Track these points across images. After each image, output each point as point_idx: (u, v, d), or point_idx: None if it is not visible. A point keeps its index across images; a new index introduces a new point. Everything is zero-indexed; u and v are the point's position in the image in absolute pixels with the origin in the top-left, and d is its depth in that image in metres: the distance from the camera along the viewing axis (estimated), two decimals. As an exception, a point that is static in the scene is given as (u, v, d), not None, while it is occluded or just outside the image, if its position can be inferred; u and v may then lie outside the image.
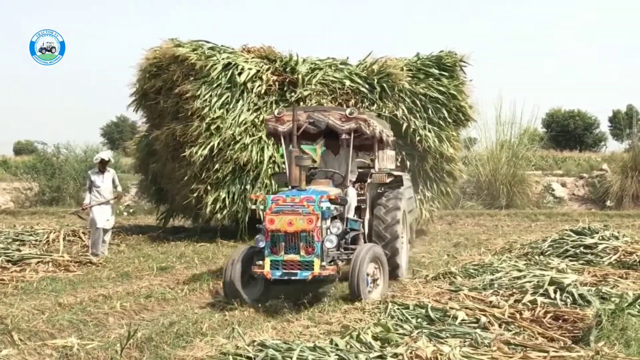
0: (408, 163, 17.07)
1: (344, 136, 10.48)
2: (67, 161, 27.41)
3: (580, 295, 8.21)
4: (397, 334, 6.71)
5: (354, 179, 10.95)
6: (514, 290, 8.62)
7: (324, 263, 8.98)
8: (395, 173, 11.84)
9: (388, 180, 11.21)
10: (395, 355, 5.94)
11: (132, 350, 6.88)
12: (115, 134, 71.83)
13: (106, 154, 14.47)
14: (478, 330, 6.95)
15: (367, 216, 10.98)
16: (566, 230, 12.82)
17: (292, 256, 9.01)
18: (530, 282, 8.91)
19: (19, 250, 12.83)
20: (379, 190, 11.63)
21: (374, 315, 7.74)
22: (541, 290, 8.44)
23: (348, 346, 6.22)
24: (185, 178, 16.28)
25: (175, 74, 16.62)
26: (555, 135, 50.94)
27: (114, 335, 7.44)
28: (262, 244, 9.22)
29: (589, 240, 11.71)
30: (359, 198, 10.89)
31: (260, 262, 9.14)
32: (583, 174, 30.28)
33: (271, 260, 9.03)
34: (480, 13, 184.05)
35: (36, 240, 14.23)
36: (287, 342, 6.22)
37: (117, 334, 7.45)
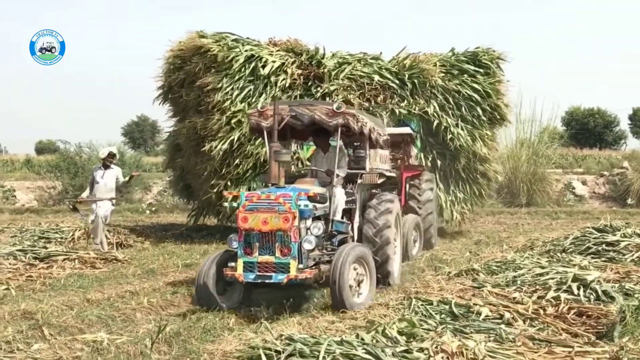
0: (439, 162, 16.76)
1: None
2: (89, 160, 27.60)
3: (604, 292, 8.20)
4: (422, 329, 6.77)
5: (341, 176, 10.27)
6: (537, 287, 8.63)
7: (301, 265, 8.41)
8: (387, 174, 11.36)
9: (379, 181, 10.72)
10: (421, 349, 5.98)
11: (161, 344, 6.99)
12: (135, 133, 72.30)
13: (114, 148, 14.45)
14: (502, 326, 6.98)
15: (357, 219, 10.37)
16: (588, 227, 12.76)
17: (266, 257, 8.41)
18: (553, 278, 8.88)
19: (45, 247, 12.97)
20: (373, 192, 11.06)
21: (398, 311, 7.79)
22: (564, 287, 8.42)
23: (374, 340, 6.26)
24: (205, 173, 16.05)
25: (198, 66, 16.33)
26: (575, 133, 50.91)
27: (142, 330, 7.53)
28: (235, 245, 8.66)
29: (611, 238, 11.65)
30: (349, 199, 10.31)
31: (233, 264, 8.59)
32: (603, 172, 30.16)
33: (244, 262, 8.45)
34: (498, 10, 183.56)
35: (62, 238, 14.41)
36: (314, 336, 6.30)
37: (145, 329, 7.55)
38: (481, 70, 17.39)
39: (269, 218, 8.39)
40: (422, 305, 7.86)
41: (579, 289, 8.34)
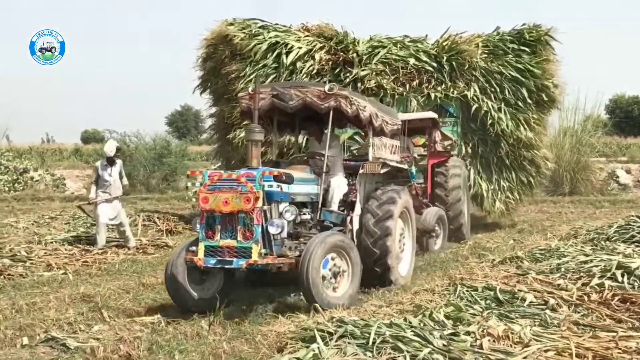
0: (480, 149, 16.12)
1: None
2: (137, 149, 28.10)
3: (648, 279, 8.23)
4: (468, 313, 6.90)
5: (336, 162, 9.79)
6: (581, 274, 8.63)
7: (264, 250, 7.80)
8: (393, 164, 10.31)
9: (382, 171, 9.78)
10: (468, 333, 6.10)
11: (216, 326, 7.24)
12: (179, 122, 73.02)
13: (115, 143, 13.84)
14: (547, 312, 7.04)
15: (357, 211, 9.53)
16: (632, 216, 12.70)
17: (228, 241, 7.82)
18: (597, 266, 8.88)
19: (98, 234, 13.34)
20: (377, 183, 10.27)
21: (444, 296, 7.87)
22: (608, 274, 8.43)
23: (422, 324, 6.37)
24: (233, 162, 16.05)
25: (224, 54, 16.36)
26: (619, 121, 50.24)
27: (196, 313, 7.78)
28: (198, 227, 8.16)
29: (655, 226, 11.63)
30: (349, 190, 9.73)
31: (194, 248, 8.04)
32: (648, 160, 29.86)
33: (206, 246, 7.89)
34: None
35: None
36: (364, 319, 6.48)
37: (199, 312, 7.81)
38: (527, 49, 16.47)
39: (230, 198, 7.79)
40: (467, 291, 7.96)
41: (623, 276, 8.36)
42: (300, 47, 16.31)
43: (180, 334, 6.92)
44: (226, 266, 7.82)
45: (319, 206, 9.10)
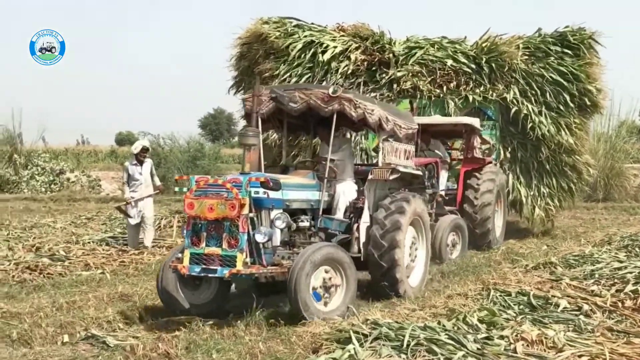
0: (519, 154, 15.60)
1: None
2: (171, 151, 28.41)
3: (682, 286, 8.20)
4: (501, 318, 6.94)
5: (346, 166, 9.41)
6: (616, 281, 8.62)
7: (249, 259, 7.44)
8: (404, 170, 9.65)
9: (390, 178, 9.28)
10: (502, 337, 6.17)
11: (252, 327, 7.34)
12: (212, 125, 73.51)
13: (147, 142, 13.57)
14: (581, 317, 7.07)
15: (365, 219, 9.13)
16: (667, 223, 12.67)
17: (213, 249, 7.50)
18: (631, 272, 8.86)
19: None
20: (390, 189, 9.74)
21: (477, 301, 7.93)
22: (643, 281, 8.42)
23: (455, 327, 6.43)
24: (265, 163, 15.82)
25: (259, 53, 16.26)
26: (654, 127, 49.62)
27: (231, 314, 7.87)
28: (184, 233, 7.98)
29: (690, 233, 11.57)
30: (356, 196, 9.33)
31: (180, 255, 7.78)
32: (683, 167, 29.54)
33: (191, 253, 7.58)
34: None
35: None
36: (398, 321, 6.55)
37: (235, 313, 7.88)
38: (570, 51, 15.90)
39: (215, 204, 7.43)
40: (500, 296, 7.99)
41: (657, 283, 8.36)
42: (335, 47, 16.15)
43: (217, 334, 7.03)
44: (209, 275, 7.56)
45: (320, 213, 8.75)
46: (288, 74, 15.78)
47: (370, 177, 9.17)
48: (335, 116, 8.66)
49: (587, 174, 16.41)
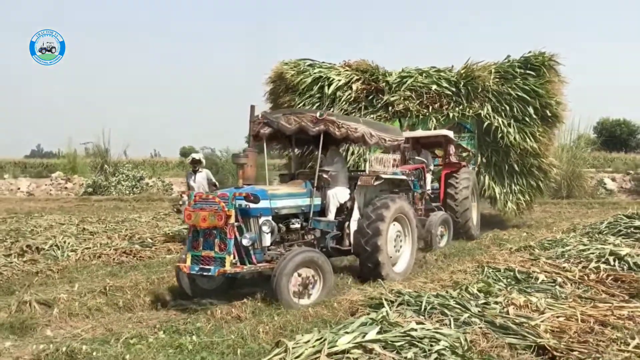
0: (494, 158, 15.23)
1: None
2: (227, 162, 28.63)
3: (635, 263, 8.26)
4: (495, 288, 7.06)
5: (335, 175, 8.91)
6: (581, 259, 8.69)
7: (234, 260, 7.22)
8: (385, 176, 9.34)
9: (375, 184, 9.06)
10: (496, 302, 6.30)
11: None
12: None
13: (197, 155, 13.33)
14: (557, 287, 7.19)
15: (355, 217, 8.92)
16: (619, 214, 12.62)
17: (208, 252, 7.37)
18: (593, 253, 8.91)
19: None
20: (381, 191, 9.48)
21: (474, 275, 8.01)
22: (603, 259, 8.49)
23: (460, 295, 6.59)
24: (294, 171, 15.59)
25: (280, 88, 16.34)
26: (605, 139, 49.35)
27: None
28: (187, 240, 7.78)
29: (637, 223, 11.51)
30: (346, 200, 8.99)
31: (184, 257, 7.66)
32: (629, 170, 29.51)
33: (192, 255, 7.49)
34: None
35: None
36: (416, 291, 6.70)
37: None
38: (533, 72, 15.53)
39: (207, 216, 7.29)
40: (492, 271, 8.09)
41: (614, 261, 8.42)
42: (339, 80, 16.11)
43: (274, 303, 7.07)
44: (204, 273, 7.34)
45: (311, 215, 8.41)
46: (302, 104, 15.73)
47: (359, 183, 9.00)
48: (322, 135, 8.32)
49: (552, 173, 16.05)
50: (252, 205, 7.54)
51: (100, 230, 13.69)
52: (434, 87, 15.81)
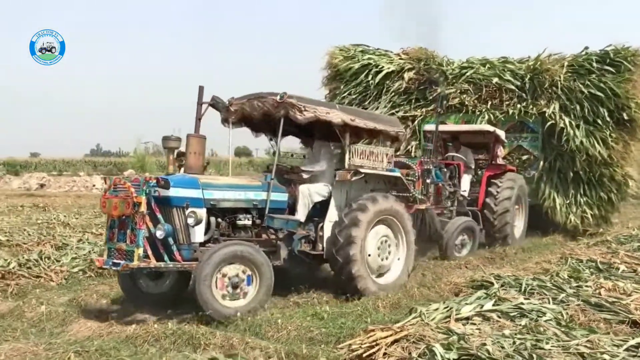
0: (557, 164, 13.83)
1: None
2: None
3: None
4: (584, 274, 7.85)
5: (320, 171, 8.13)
6: (659, 251, 9.25)
7: (142, 253, 6.35)
8: (366, 171, 7.99)
9: (353, 179, 7.81)
10: (587, 286, 7.09)
11: (412, 277, 8.49)
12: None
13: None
14: (638, 276, 7.92)
15: (330, 218, 7.78)
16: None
17: (120, 244, 6.54)
18: (667, 245, 9.44)
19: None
20: (372, 190, 8.28)
21: (559, 265, 8.71)
22: (679, 251, 9.03)
23: (552, 280, 7.35)
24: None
25: (330, 75, 15.83)
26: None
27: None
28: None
29: None
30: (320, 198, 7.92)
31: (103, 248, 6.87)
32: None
33: (108, 247, 6.70)
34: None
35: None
36: (514, 274, 7.60)
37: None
38: (611, 68, 13.88)
39: (118, 203, 6.51)
40: (575, 262, 8.81)
41: (691, 251, 9.00)
42: (389, 68, 15.28)
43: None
44: (114, 268, 6.56)
45: (267, 212, 7.35)
46: (347, 92, 15.24)
47: (336, 178, 7.85)
48: (282, 120, 7.36)
49: (629, 186, 14.29)
50: (174, 194, 6.66)
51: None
52: (495, 79, 14.52)
